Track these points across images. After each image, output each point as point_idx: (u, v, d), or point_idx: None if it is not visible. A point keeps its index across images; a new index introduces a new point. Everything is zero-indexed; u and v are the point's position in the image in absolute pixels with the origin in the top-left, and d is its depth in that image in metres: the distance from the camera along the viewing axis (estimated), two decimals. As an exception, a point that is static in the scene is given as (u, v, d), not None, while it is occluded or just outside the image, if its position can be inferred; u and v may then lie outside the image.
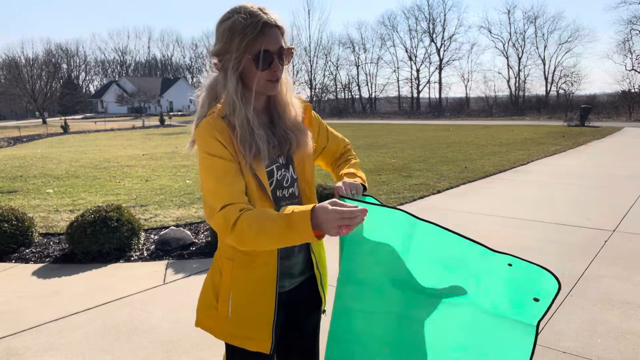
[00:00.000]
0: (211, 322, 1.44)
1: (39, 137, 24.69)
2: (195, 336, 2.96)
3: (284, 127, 1.41)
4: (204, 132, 1.32)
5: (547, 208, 6.12)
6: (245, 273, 1.38)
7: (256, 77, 1.30)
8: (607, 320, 3.05)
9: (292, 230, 1.16)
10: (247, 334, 1.39)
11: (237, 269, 1.38)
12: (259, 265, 1.37)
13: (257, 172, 1.32)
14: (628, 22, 42.66)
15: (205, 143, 1.31)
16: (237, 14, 1.28)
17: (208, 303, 1.45)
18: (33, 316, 3.30)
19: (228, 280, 1.39)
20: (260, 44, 1.26)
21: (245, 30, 1.25)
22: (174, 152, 14.96)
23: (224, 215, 1.24)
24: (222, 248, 1.42)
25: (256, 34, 1.25)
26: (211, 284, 1.45)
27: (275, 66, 1.30)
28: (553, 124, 26.37)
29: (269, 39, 1.27)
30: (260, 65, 1.28)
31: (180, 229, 4.99)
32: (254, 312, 1.39)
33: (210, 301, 1.44)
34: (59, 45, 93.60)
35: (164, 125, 35.53)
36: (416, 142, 16.48)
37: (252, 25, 1.25)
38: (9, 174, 10.45)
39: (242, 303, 1.38)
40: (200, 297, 1.49)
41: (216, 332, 1.44)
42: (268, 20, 1.27)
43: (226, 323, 1.40)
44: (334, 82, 60.51)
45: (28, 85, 56.95)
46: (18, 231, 4.81)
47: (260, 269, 1.38)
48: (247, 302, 1.39)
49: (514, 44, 61.44)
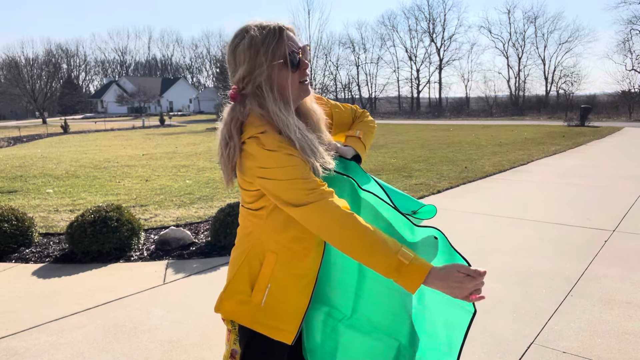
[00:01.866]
0: (238, 307, 1.43)
1: (39, 137, 24.68)
2: (195, 336, 2.96)
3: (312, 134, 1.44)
4: (269, 140, 1.28)
5: (547, 208, 6.12)
6: (288, 269, 1.40)
7: (289, 82, 1.32)
8: (607, 320, 3.05)
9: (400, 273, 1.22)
10: (276, 324, 1.41)
11: (280, 264, 1.39)
12: (304, 263, 1.41)
13: None
14: (628, 22, 42.77)
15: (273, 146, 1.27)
16: (247, 32, 1.31)
17: (240, 290, 1.43)
18: (33, 316, 3.30)
19: (268, 273, 1.40)
20: (284, 47, 1.30)
21: (266, 40, 1.29)
22: (174, 152, 14.95)
23: (331, 192, 1.28)
24: (265, 241, 1.41)
25: (278, 39, 1.29)
26: (248, 272, 1.42)
27: (303, 64, 1.34)
28: (553, 124, 26.37)
29: (290, 40, 1.32)
30: (293, 65, 1.31)
31: (180, 229, 4.99)
32: (289, 306, 1.42)
33: (244, 288, 1.42)
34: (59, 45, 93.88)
35: (164, 125, 35.54)
36: (416, 142, 16.48)
37: (271, 34, 1.29)
38: (9, 174, 10.45)
39: (279, 296, 1.41)
40: (231, 283, 1.45)
41: (241, 318, 1.43)
42: (282, 25, 1.31)
43: (256, 311, 1.41)
44: (334, 82, 60.54)
45: (28, 85, 56.89)
46: (18, 231, 4.81)
47: (304, 267, 1.41)
48: (283, 295, 1.41)
49: (514, 44, 61.64)
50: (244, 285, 1.43)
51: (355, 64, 59.56)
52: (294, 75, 1.33)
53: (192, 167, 11.00)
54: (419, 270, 1.21)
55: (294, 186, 1.26)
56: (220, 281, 3.76)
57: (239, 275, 1.45)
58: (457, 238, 4.85)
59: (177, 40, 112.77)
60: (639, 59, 39.60)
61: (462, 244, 4.67)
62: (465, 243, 4.70)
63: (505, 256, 4.29)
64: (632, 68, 39.59)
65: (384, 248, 1.23)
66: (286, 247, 1.39)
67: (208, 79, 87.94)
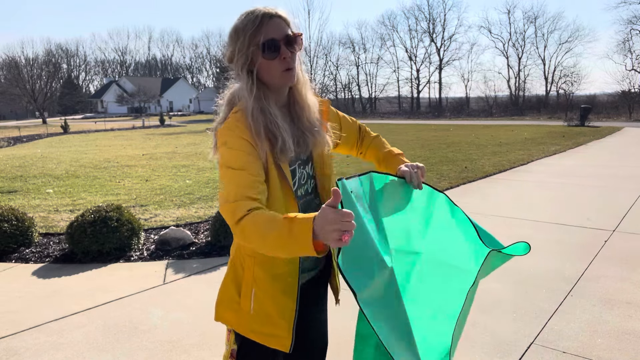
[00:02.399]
0: (233, 316, 1.44)
1: (39, 137, 24.67)
2: (195, 336, 2.96)
3: (303, 127, 1.42)
4: (228, 130, 1.31)
5: (547, 208, 6.12)
6: (266, 270, 1.38)
7: (269, 68, 1.32)
8: (607, 320, 3.05)
9: (292, 238, 1.09)
10: (269, 331, 1.40)
11: (257, 266, 1.39)
12: (279, 262, 1.38)
13: (283, 165, 1.34)
14: (628, 22, 42.77)
15: (229, 140, 1.29)
16: (239, 17, 1.33)
17: (230, 297, 1.44)
18: (33, 316, 3.30)
19: (250, 277, 1.39)
20: (262, 34, 1.29)
21: (246, 25, 1.30)
22: (174, 152, 14.95)
23: (233, 209, 1.23)
24: (242, 245, 1.42)
25: (257, 26, 1.29)
26: (233, 279, 1.44)
27: (283, 52, 1.31)
28: (553, 124, 26.36)
29: (271, 28, 1.30)
30: (267, 53, 1.30)
31: (180, 229, 4.99)
32: (278, 308, 1.40)
33: (232, 296, 1.44)
34: (59, 45, 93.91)
35: (164, 125, 35.53)
36: (416, 142, 16.48)
37: (252, 19, 1.30)
38: (9, 174, 10.45)
39: (265, 300, 1.39)
40: (221, 292, 1.48)
41: (238, 327, 1.44)
42: (266, 12, 1.31)
43: (248, 319, 1.41)
44: (334, 82, 60.63)
45: (28, 85, 56.90)
46: (18, 231, 4.81)
47: (280, 266, 1.38)
48: (269, 299, 1.39)
49: (514, 44, 61.60)
50: (232, 292, 1.44)
51: (355, 64, 59.61)
52: (273, 62, 1.32)
53: (192, 167, 11.00)
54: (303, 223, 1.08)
55: (223, 184, 1.29)
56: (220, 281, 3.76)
57: (225, 282, 1.47)
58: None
59: (177, 40, 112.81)
60: (639, 59, 39.64)
61: (462, 244, 4.66)
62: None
63: (505, 256, 4.28)
64: (632, 68, 39.61)
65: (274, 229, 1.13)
66: None
67: (208, 79, 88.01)
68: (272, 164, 1.32)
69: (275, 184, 1.33)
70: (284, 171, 1.34)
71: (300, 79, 1.43)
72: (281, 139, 1.32)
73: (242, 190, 1.24)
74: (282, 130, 1.33)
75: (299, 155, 1.42)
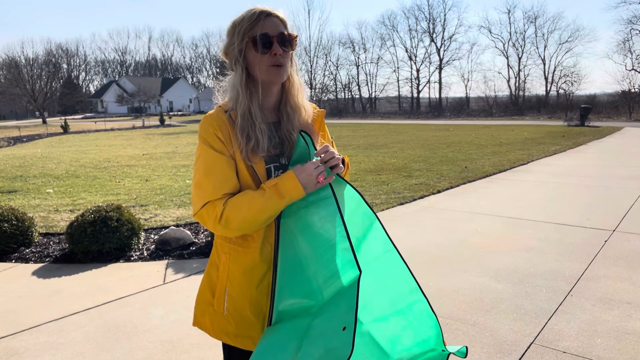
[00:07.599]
0: (207, 319, 1.44)
1: (39, 137, 24.68)
2: (195, 336, 2.96)
3: (290, 128, 1.42)
4: (204, 123, 1.38)
5: (547, 208, 6.12)
6: (241, 265, 1.38)
7: (259, 63, 1.34)
8: (607, 320, 3.05)
9: (284, 197, 1.28)
10: (243, 332, 1.38)
11: (232, 262, 1.38)
12: (254, 254, 1.37)
13: (255, 166, 1.34)
14: (628, 22, 42.76)
15: (203, 134, 1.38)
16: (239, 14, 1.38)
17: (204, 300, 1.46)
18: (33, 316, 3.30)
19: (224, 275, 1.39)
20: (257, 29, 1.33)
21: (243, 19, 1.34)
22: (174, 152, 14.95)
23: (206, 214, 1.31)
24: (220, 244, 1.43)
25: (253, 21, 1.33)
26: (208, 280, 1.46)
27: (275, 49, 1.33)
28: (553, 123, 26.37)
29: (266, 24, 1.34)
30: (259, 47, 1.32)
31: (180, 228, 4.99)
32: (250, 309, 1.37)
33: (207, 298, 1.45)
34: (59, 45, 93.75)
35: (164, 125, 35.54)
36: (416, 142, 16.48)
37: (250, 16, 1.34)
38: (9, 174, 10.45)
39: (238, 299, 1.38)
40: (197, 296, 1.50)
41: (212, 331, 1.44)
42: (266, 10, 1.35)
43: (222, 320, 1.40)
44: (334, 82, 60.59)
45: (28, 85, 56.83)
46: (18, 231, 4.81)
47: (255, 258, 1.37)
48: (243, 296, 1.38)
49: (514, 44, 61.59)
50: (207, 294, 1.45)
51: (355, 64, 59.57)
52: (263, 57, 1.34)
53: (192, 167, 10.99)
54: (289, 181, 1.29)
55: (192, 186, 1.38)
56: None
57: (201, 285, 1.49)
58: (457, 238, 4.85)
59: (177, 40, 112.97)
60: (639, 59, 39.62)
61: (462, 243, 4.67)
62: (465, 243, 4.70)
63: (505, 256, 4.29)
64: (632, 68, 39.57)
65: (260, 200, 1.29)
66: (235, 244, 1.38)
67: (208, 79, 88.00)
68: (243, 162, 1.34)
69: (246, 182, 1.35)
70: (257, 171, 1.34)
71: (295, 82, 1.43)
72: (254, 139, 1.34)
73: (211, 193, 1.32)
74: (257, 131, 1.34)
75: (279, 155, 1.40)
